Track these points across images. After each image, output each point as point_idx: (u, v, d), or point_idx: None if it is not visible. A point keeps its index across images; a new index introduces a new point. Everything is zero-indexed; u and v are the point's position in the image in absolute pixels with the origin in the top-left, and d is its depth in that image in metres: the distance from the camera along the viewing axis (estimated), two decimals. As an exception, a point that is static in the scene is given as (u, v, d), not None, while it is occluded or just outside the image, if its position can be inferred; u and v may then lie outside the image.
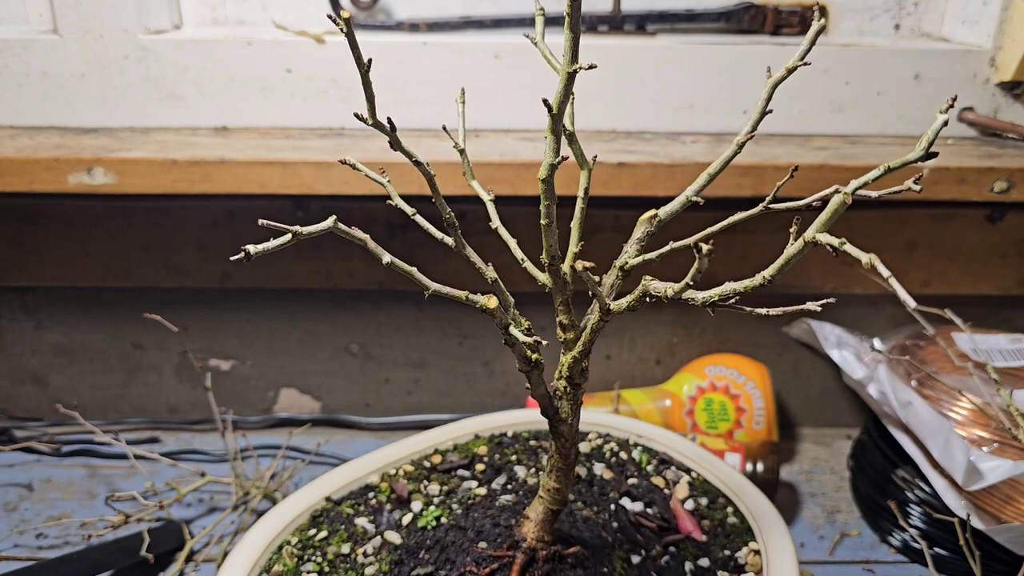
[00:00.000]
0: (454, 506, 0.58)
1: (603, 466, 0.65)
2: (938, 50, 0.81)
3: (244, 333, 0.90)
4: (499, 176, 0.73)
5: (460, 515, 0.57)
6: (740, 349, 0.89)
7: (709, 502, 0.63)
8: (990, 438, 0.68)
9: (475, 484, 0.62)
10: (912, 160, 0.35)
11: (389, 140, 0.39)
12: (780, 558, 0.56)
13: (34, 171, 0.73)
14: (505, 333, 0.41)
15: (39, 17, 0.84)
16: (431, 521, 0.57)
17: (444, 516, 0.57)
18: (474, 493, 0.60)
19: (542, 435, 0.69)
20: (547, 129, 0.38)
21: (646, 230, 0.47)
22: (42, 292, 0.88)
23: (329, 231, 0.37)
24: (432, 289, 0.39)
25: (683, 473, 0.65)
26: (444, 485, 0.61)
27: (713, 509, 0.62)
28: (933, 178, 0.74)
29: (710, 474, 0.65)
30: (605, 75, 0.81)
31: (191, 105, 0.82)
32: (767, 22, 0.85)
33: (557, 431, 0.48)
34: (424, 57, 0.80)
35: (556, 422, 0.47)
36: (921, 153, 0.34)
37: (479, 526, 0.55)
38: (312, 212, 0.83)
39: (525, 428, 0.70)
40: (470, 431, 0.69)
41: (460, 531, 0.55)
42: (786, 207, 0.42)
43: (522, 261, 0.43)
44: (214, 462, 0.85)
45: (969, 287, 0.86)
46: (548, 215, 0.40)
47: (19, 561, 0.69)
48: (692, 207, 0.47)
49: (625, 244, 0.46)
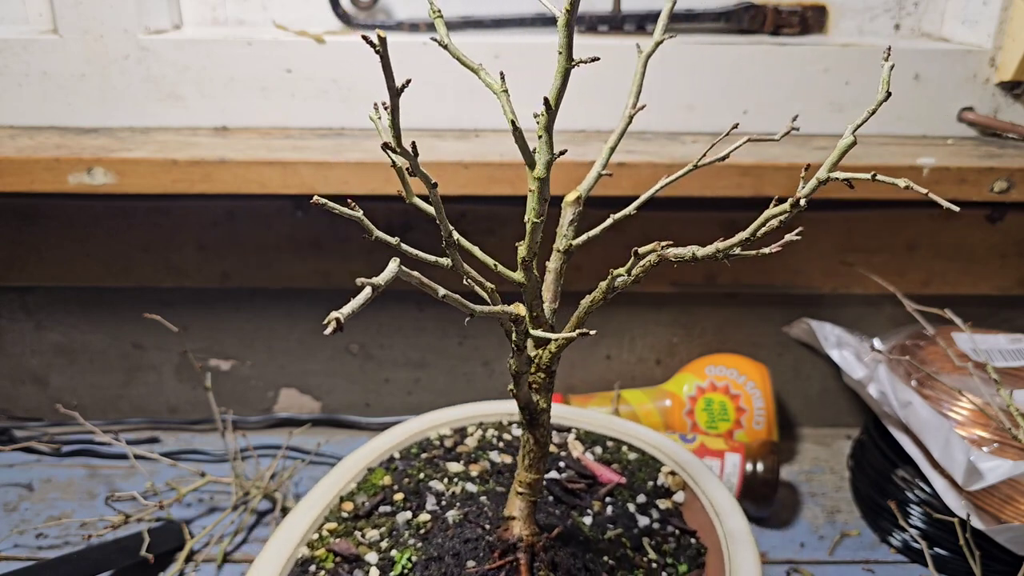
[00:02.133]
0: (411, 542, 0.54)
1: (497, 453, 0.65)
2: (938, 50, 0.81)
3: (244, 333, 0.90)
4: (499, 176, 0.73)
5: (424, 548, 0.53)
6: (740, 349, 0.89)
7: (603, 449, 0.66)
8: (990, 438, 0.68)
9: (409, 514, 0.57)
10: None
11: (408, 167, 0.39)
12: (697, 471, 0.62)
13: (34, 171, 0.73)
14: (522, 338, 0.41)
15: (39, 17, 0.84)
16: (406, 565, 0.52)
17: (412, 555, 0.53)
18: (418, 522, 0.56)
19: (428, 444, 0.66)
20: (540, 127, 0.38)
21: (575, 211, 0.47)
22: (42, 292, 0.88)
23: (395, 277, 0.36)
24: (477, 312, 0.39)
25: (566, 433, 0.68)
26: (379, 528, 0.56)
27: (610, 452, 0.66)
28: (933, 178, 0.74)
29: (588, 425, 0.69)
30: (605, 75, 0.81)
31: (191, 105, 0.82)
32: (767, 22, 0.85)
33: (537, 422, 0.48)
34: (424, 57, 0.80)
35: (537, 414, 0.48)
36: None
37: (454, 549, 0.52)
38: (312, 212, 0.83)
39: (406, 444, 0.66)
40: (361, 467, 0.64)
41: (439, 561, 0.51)
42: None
43: (495, 266, 0.42)
44: (214, 462, 0.85)
45: (969, 287, 0.86)
46: (541, 213, 0.40)
47: (19, 561, 0.69)
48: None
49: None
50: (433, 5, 0.40)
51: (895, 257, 0.85)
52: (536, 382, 0.48)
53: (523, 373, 0.45)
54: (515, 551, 0.51)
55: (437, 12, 0.41)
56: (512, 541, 0.51)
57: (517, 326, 0.41)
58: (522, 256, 0.41)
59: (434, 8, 0.41)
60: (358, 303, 0.32)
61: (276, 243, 0.84)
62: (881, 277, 0.83)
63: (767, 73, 0.81)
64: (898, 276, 0.85)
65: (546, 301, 0.47)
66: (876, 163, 0.74)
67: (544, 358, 0.46)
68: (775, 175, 0.74)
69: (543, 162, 0.40)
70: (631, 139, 0.81)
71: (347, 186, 0.73)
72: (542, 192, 0.40)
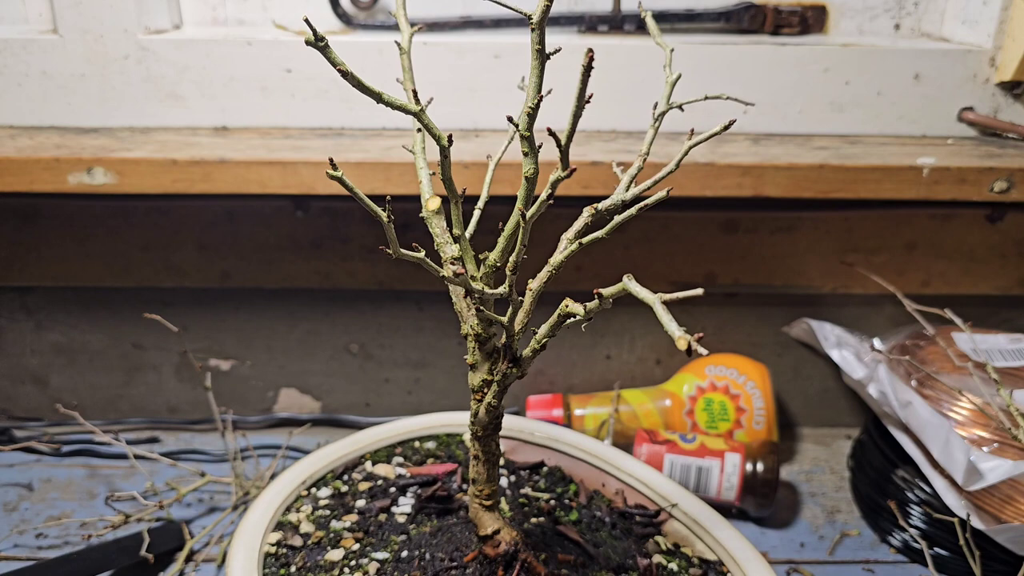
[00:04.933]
0: None
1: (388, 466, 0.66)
2: (938, 50, 0.81)
3: (244, 333, 0.90)
4: (499, 176, 0.73)
5: None
6: (740, 349, 0.89)
7: None
8: (990, 438, 0.68)
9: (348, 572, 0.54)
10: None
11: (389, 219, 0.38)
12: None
13: (34, 171, 0.73)
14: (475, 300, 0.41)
15: (39, 17, 0.84)
16: None
17: None
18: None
19: (320, 479, 0.64)
20: (522, 144, 0.38)
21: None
22: (42, 292, 0.88)
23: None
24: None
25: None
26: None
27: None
28: (933, 178, 0.74)
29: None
30: (605, 75, 0.81)
31: (191, 105, 0.82)
32: (767, 22, 0.85)
33: (498, 427, 0.49)
34: (424, 57, 0.80)
35: (498, 419, 0.49)
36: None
37: None
38: (312, 212, 0.83)
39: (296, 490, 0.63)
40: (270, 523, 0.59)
41: None
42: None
43: (441, 276, 0.42)
44: (214, 462, 0.85)
45: (969, 287, 0.86)
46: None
47: (19, 561, 0.69)
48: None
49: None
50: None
51: (895, 257, 0.85)
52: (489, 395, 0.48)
53: (521, 376, 0.45)
54: (517, 557, 0.51)
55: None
56: (508, 550, 0.51)
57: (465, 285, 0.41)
58: (509, 264, 0.41)
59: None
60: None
61: (276, 243, 0.84)
62: (881, 277, 0.83)
63: (767, 73, 0.81)
64: (898, 276, 0.85)
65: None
66: (876, 163, 0.74)
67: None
68: (775, 175, 0.74)
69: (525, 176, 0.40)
70: (631, 139, 0.81)
71: (347, 186, 0.73)
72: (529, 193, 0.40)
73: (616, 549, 0.57)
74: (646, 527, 0.61)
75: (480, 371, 0.47)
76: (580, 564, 0.54)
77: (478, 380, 0.47)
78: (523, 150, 0.39)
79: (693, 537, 0.60)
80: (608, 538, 0.58)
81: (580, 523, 0.60)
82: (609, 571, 0.54)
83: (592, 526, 0.60)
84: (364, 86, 0.36)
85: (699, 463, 0.75)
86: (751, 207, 0.82)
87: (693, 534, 0.60)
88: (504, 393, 0.46)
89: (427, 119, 0.38)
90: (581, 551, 0.55)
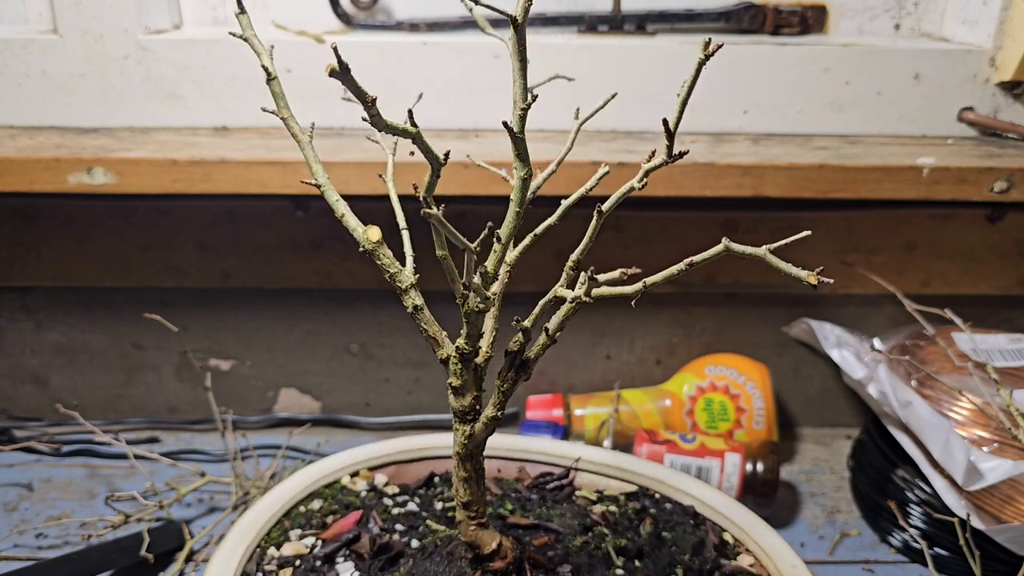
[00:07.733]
0: None
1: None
2: (938, 50, 0.81)
3: (244, 333, 0.90)
4: (498, 176, 0.73)
5: None
6: (740, 349, 0.89)
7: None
8: (990, 438, 0.68)
9: None
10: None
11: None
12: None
13: (34, 171, 0.73)
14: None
15: (39, 17, 0.84)
16: None
17: None
18: None
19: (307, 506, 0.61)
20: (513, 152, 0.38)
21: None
22: (42, 292, 0.88)
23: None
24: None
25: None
26: None
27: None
28: (933, 178, 0.74)
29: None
30: (605, 75, 0.81)
31: (191, 105, 0.82)
32: (767, 22, 0.86)
33: (474, 454, 0.49)
34: (424, 57, 0.80)
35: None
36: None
37: None
38: (312, 212, 0.83)
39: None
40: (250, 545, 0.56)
41: None
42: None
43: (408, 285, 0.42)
44: (214, 462, 0.85)
45: (969, 287, 0.86)
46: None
47: (19, 561, 0.69)
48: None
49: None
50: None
51: (895, 257, 0.85)
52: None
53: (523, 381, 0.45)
54: (523, 559, 0.51)
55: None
56: (515, 556, 0.51)
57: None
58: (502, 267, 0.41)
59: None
60: None
61: (276, 243, 0.84)
62: (881, 277, 0.83)
63: (767, 73, 0.81)
64: (898, 276, 0.85)
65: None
66: (876, 163, 0.74)
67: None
68: (775, 175, 0.74)
69: (518, 178, 0.40)
70: (631, 139, 0.81)
71: (347, 186, 0.73)
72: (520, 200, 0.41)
73: (564, 516, 0.59)
74: (563, 488, 0.64)
75: (468, 393, 0.47)
76: (556, 541, 0.55)
77: (468, 401, 0.47)
78: (514, 152, 0.39)
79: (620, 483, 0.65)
80: (548, 511, 0.60)
81: (515, 510, 0.60)
82: (578, 535, 0.56)
83: (526, 507, 0.60)
84: (389, 124, 0.36)
85: (699, 463, 0.75)
86: (751, 207, 0.82)
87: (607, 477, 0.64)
88: (507, 401, 0.46)
89: (424, 143, 0.38)
90: (545, 531, 0.56)
